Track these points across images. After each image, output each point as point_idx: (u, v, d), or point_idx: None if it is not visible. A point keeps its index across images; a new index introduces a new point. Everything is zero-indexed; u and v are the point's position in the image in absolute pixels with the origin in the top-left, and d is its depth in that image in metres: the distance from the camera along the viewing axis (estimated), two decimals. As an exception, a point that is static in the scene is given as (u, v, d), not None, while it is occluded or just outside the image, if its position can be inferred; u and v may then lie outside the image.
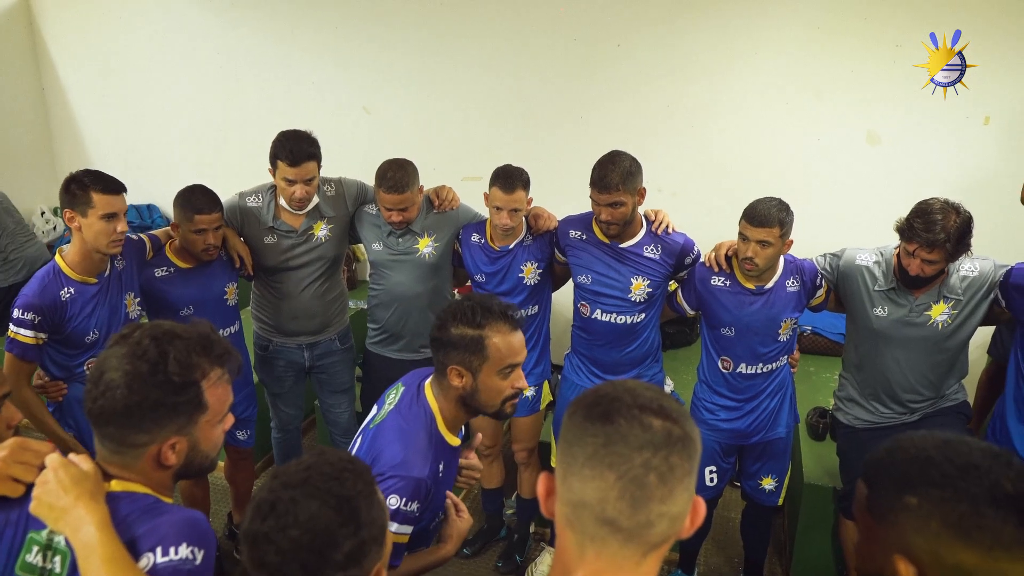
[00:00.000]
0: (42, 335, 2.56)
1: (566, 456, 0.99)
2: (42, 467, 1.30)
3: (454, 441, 1.93)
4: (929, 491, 1.02)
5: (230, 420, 1.43)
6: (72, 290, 2.61)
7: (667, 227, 2.88)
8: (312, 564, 1.13)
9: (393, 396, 1.99)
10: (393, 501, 1.71)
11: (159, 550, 1.22)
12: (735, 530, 3.42)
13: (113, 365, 1.29)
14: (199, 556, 1.24)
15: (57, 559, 1.26)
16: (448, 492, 1.92)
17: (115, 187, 2.60)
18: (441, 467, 1.87)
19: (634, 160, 2.72)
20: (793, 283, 2.75)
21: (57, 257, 2.65)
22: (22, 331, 2.53)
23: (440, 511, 1.94)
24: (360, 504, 1.19)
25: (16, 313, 2.53)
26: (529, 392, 3.16)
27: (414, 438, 1.83)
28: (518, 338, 1.85)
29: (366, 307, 3.39)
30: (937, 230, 2.38)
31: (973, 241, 2.48)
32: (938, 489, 1.01)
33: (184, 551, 1.23)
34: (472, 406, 1.87)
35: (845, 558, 3.10)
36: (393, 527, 1.69)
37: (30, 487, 1.29)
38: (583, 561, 0.97)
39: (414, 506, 1.75)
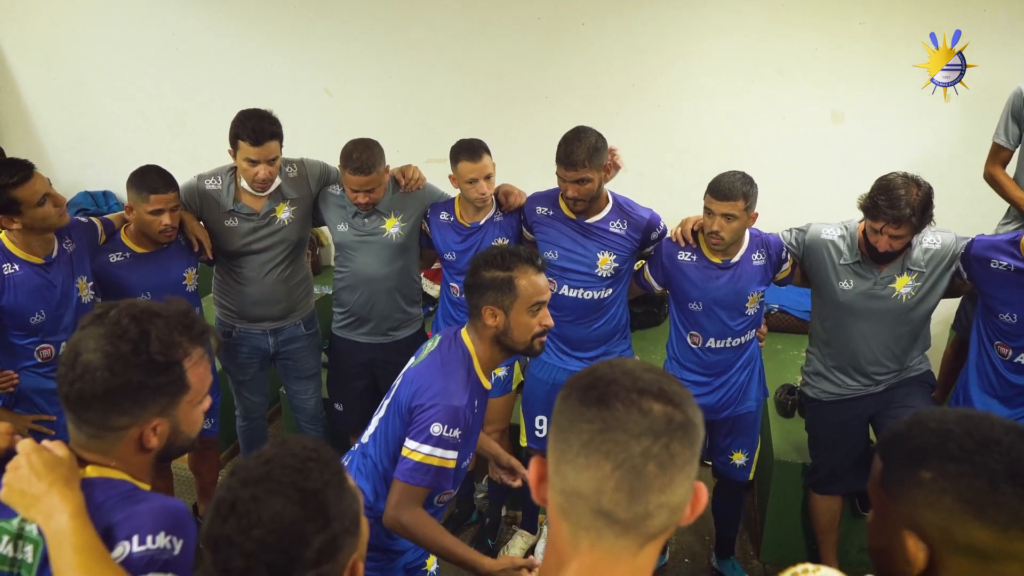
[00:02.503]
0: None
1: (559, 442, 0.92)
2: (10, 453, 1.25)
3: (487, 384, 2.10)
4: (945, 465, 0.97)
5: (208, 401, 1.38)
6: (17, 267, 2.54)
7: (618, 159, 2.88)
8: (280, 564, 1.03)
9: (431, 344, 2.16)
10: (436, 429, 1.91)
11: (135, 539, 1.17)
12: (706, 508, 3.43)
13: (91, 347, 1.22)
14: (177, 546, 1.19)
15: (29, 548, 1.21)
16: (532, 559, 1.96)
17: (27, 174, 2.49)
18: (476, 404, 2.03)
19: (600, 136, 2.70)
20: (759, 257, 2.76)
21: (2, 235, 2.57)
22: None
23: (471, 452, 2.13)
24: (328, 496, 1.08)
25: None
26: (501, 372, 3.13)
27: (454, 372, 2.00)
28: (543, 279, 2.05)
29: (331, 292, 3.33)
30: (902, 205, 2.40)
31: (936, 216, 2.51)
32: (954, 463, 0.96)
33: (162, 540, 1.18)
34: (506, 344, 2.04)
35: (816, 533, 3.12)
36: (438, 452, 1.92)
37: None
38: (577, 552, 0.91)
39: (456, 432, 1.93)
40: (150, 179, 2.75)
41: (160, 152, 5.16)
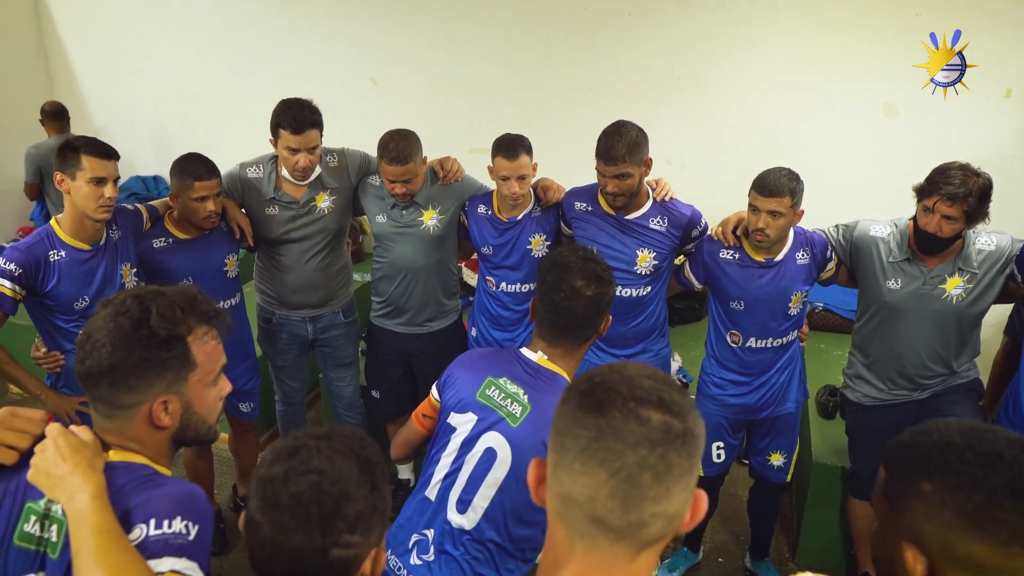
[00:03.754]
0: (20, 290, 2.53)
1: (557, 447, 0.92)
2: (40, 437, 1.29)
3: None
4: (945, 477, 0.95)
5: (227, 386, 1.40)
6: (63, 253, 2.59)
7: (668, 195, 2.82)
8: (324, 511, 1.08)
9: (502, 390, 1.87)
10: None
11: (152, 522, 1.19)
12: (742, 507, 3.39)
13: (99, 326, 1.28)
14: (192, 531, 1.21)
15: (54, 528, 1.25)
16: None
17: (106, 152, 2.56)
18: None
19: (640, 130, 2.66)
20: (803, 256, 2.69)
21: (52, 221, 2.64)
22: (2, 281, 2.51)
23: None
24: (378, 470, 1.16)
25: (0, 263, 2.53)
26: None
27: None
28: None
29: (370, 280, 3.35)
30: (957, 184, 2.36)
31: (993, 216, 2.44)
32: (954, 476, 0.95)
33: (177, 525, 1.20)
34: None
35: (853, 538, 3.06)
36: None
37: (26, 456, 1.28)
38: (572, 556, 0.91)
39: None
40: (194, 166, 2.79)
41: (208, 138, 5.26)
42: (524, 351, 1.93)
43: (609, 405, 0.89)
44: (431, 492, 1.88)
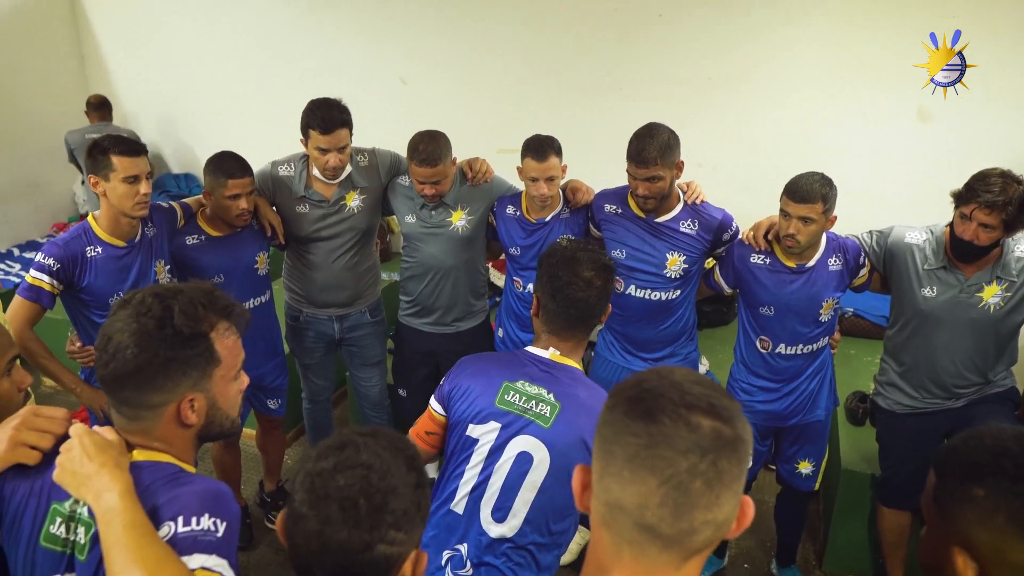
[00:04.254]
0: (58, 284, 2.58)
1: (603, 453, 0.91)
2: (64, 438, 1.29)
3: None
4: (999, 482, 0.95)
5: (245, 380, 1.40)
6: (100, 250, 2.64)
7: (699, 198, 2.80)
8: (374, 504, 1.08)
9: (523, 393, 1.85)
10: None
11: (180, 519, 1.19)
12: (768, 513, 3.36)
13: (119, 327, 1.27)
14: (221, 528, 1.21)
15: (81, 530, 1.25)
16: None
17: (135, 149, 2.60)
18: None
19: (672, 133, 2.64)
20: (835, 262, 2.66)
21: (90, 218, 2.68)
22: (41, 275, 2.56)
23: None
24: (421, 470, 1.17)
25: (39, 257, 2.58)
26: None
27: (600, 389, 1.86)
28: None
29: (399, 279, 3.36)
30: (997, 191, 2.31)
31: None
32: (1009, 481, 0.94)
33: (206, 522, 1.20)
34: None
35: (882, 547, 3.01)
36: None
37: (50, 456, 1.28)
38: (619, 562, 0.90)
39: None
40: (227, 164, 2.82)
41: (239, 136, 5.30)
42: (533, 350, 1.93)
43: (659, 411, 0.88)
44: (458, 506, 1.86)
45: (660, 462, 0.86)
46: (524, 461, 1.80)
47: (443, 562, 1.85)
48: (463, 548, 1.84)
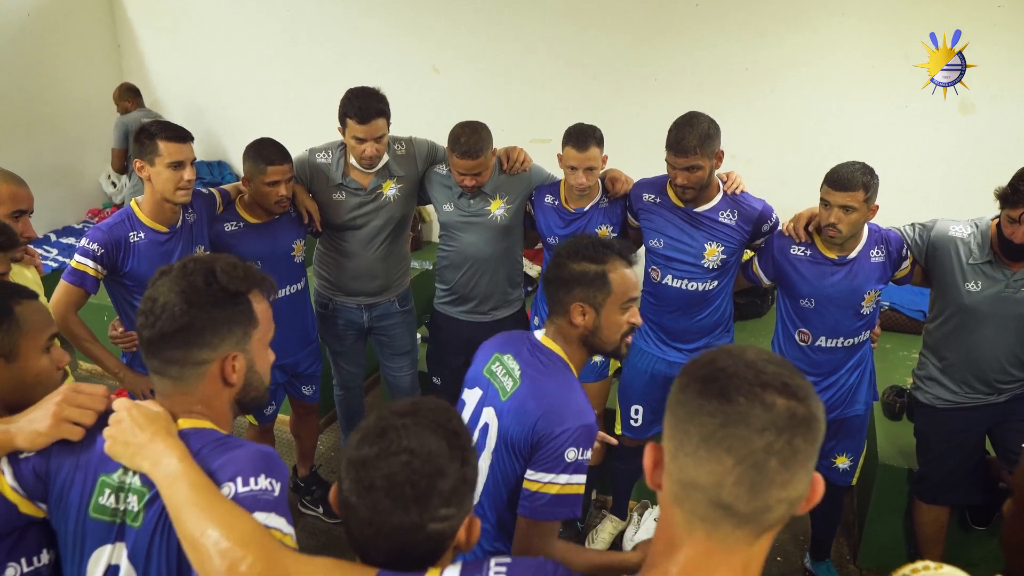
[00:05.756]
0: (102, 269, 2.63)
1: (677, 432, 0.92)
2: (106, 413, 1.31)
3: None
4: None
5: (272, 355, 1.44)
6: (142, 235, 2.67)
7: (739, 188, 2.78)
8: (421, 489, 1.10)
9: (504, 365, 1.87)
10: (571, 454, 1.67)
11: (239, 480, 1.22)
12: (801, 508, 3.34)
13: (164, 291, 1.31)
14: (276, 488, 1.24)
15: (133, 498, 1.27)
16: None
17: (181, 135, 2.63)
18: None
19: (712, 122, 2.62)
20: (878, 253, 2.62)
21: (132, 203, 2.72)
22: (85, 260, 2.60)
23: None
24: (465, 441, 1.18)
25: (83, 243, 2.63)
26: (597, 358, 3.10)
27: (569, 386, 1.78)
28: (634, 273, 1.85)
29: (431, 268, 3.36)
30: None
31: None
32: None
33: (263, 482, 1.23)
34: (593, 344, 1.85)
35: (919, 543, 2.98)
36: (575, 479, 1.68)
37: (92, 432, 1.31)
38: (692, 538, 0.92)
39: (588, 453, 1.71)
40: (267, 151, 2.84)
41: (271, 125, 5.33)
42: (536, 332, 1.93)
43: (734, 391, 0.88)
44: None
45: (736, 441, 0.87)
46: (486, 430, 1.84)
47: None
48: None
